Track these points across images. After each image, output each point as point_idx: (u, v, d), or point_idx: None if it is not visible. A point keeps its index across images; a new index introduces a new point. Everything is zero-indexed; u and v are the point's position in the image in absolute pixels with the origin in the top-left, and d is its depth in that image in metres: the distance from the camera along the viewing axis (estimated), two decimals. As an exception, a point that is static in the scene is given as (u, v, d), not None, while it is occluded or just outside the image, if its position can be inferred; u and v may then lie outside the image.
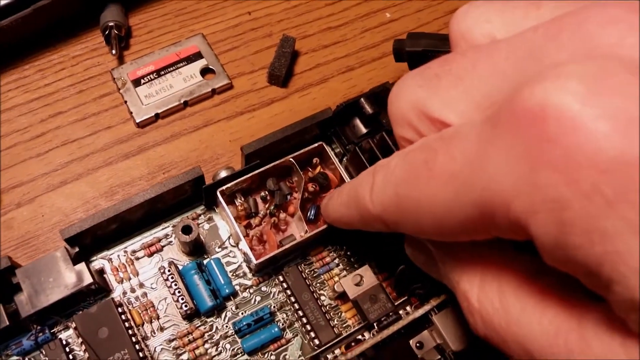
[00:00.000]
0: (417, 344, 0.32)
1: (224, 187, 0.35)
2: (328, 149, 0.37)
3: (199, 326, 0.35)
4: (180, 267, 0.35)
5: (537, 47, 0.19)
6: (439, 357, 0.33)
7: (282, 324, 0.35)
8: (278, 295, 0.36)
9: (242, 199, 0.36)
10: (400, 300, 0.35)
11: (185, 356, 0.34)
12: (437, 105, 0.22)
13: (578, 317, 0.18)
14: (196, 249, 0.36)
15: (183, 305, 0.34)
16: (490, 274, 0.21)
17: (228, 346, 0.34)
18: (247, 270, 0.36)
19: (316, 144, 0.37)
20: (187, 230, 0.34)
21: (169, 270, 0.35)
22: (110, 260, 0.36)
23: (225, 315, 0.35)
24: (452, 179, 0.19)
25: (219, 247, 0.37)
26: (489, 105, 0.20)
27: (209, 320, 0.35)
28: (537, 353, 0.19)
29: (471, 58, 0.21)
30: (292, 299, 0.35)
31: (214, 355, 0.34)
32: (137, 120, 0.41)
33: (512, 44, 0.20)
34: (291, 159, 0.36)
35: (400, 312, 0.35)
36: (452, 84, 0.22)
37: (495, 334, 0.21)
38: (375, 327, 0.33)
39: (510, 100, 0.17)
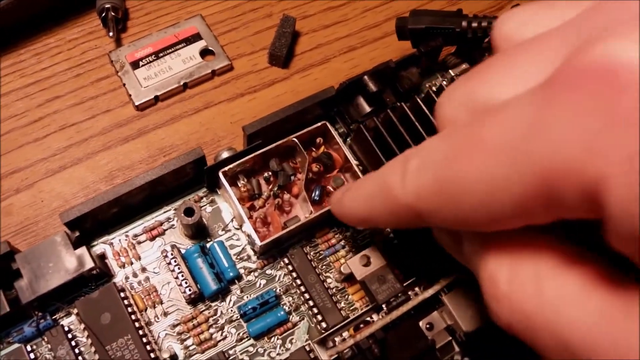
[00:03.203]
0: (427, 325, 0.32)
1: (226, 168, 0.34)
2: (331, 128, 0.37)
3: (204, 310, 0.34)
4: (183, 251, 0.34)
5: (588, 21, 0.17)
6: (450, 338, 0.32)
7: (288, 308, 0.34)
8: (283, 278, 0.35)
9: (245, 180, 0.35)
10: (409, 281, 0.34)
11: (189, 341, 0.33)
12: (487, 92, 0.20)
13: (626, 301, 0.16)
14: (199, 232, 0.35)
15: (187, 290, 0.33)
16: (525, 255, 0.19)
17: (233, 330, 0.34)
18: (251, 253, 0.35)
19: (319, 124, 0.36)
20: (189, 212, 0.33)
21: (171, 254, 0.34)
22: (111, 244, 0.35)
23: (230, 299, 0.34)
24: (506, 148, 0.17)
25: (222, 230, 0.36)
26: (540, 79, 0.18)
27: (213, 304, 0.34)
28: (576, 341, 0.17)
29: (522, 46, 0.20)
30: (298, 281, 0.34)
31: (219, 340, 0.33)
32: (136, 103, 0.40)
33: (561, 27, 0.19)
34: (294, 139, 0.35)
35: (410, 292, 0.34)
36: (502, 70, 0.20)
37: (524, 322, 0.19)
38: (384, 308, 0.33)
39: (571, 58, 0.16)
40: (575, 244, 0.19)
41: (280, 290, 0.35)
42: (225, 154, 0.35)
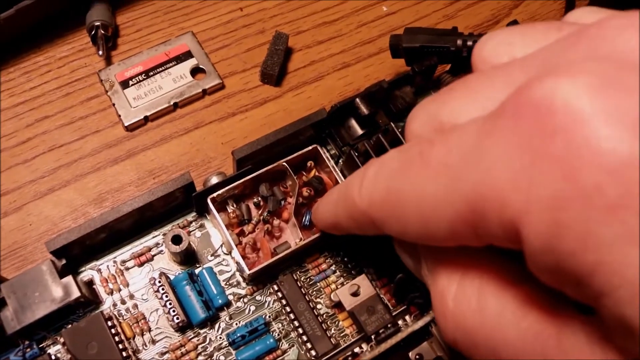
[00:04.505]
0: (417, 356, 0.31)
1: (215, 194, 0.34)
2: (323, 151, 0.36)
3: (192, 338, 0.33)
4: (171, 278, 0.34)
5: (553, 55, 0.18)
6: (440, 368, 0.32)
7: (278, 335, 0.34)
8: (273, 304, 0.35)
9: (234, 206, 0.35)
10: (399, 310, 0.34)
11: (177, 370, 0.33)
12: (447, 113, 0.21)
13: (559, 325, 0.17)
14: (188, 258, 0.35)
15: (175, 318, 0.33)
16: (472, 273, 0.20)
17: (222, 358, 0.33)
18: (240, 279, 0.35)
19: (310, 147, 0.36)
20: (177, 240, 0.33)
21: (159, 282, 0.33)
22: (99, 270, 0.34)
23: (219, 326, 0.34)
24: (444, 170, 0.18)
25: (211, 256, 0.35)
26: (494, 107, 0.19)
27: (202, 331, 0.34)
28: (510, 358, 0.18)
29: (487, 73, 0.21)
30: (288, 308, 0.34)
31: (208, 368, 0.33)
32: (126, 124, 0.39)
33: (528, 56, 0.19)
34: (284, 163, 0.35)
35: (399, 322, 0.34)
36: (465, 94, 0.21)
37: (466, 337, 0.20)
38: (373, 339, 0.32)
39: (515, 92, 0.16)
40: (520, 265, 0.19)
41: (269, 316, 0.34)
42: (214, 180, 0.34)
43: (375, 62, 0.45)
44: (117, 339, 0.32)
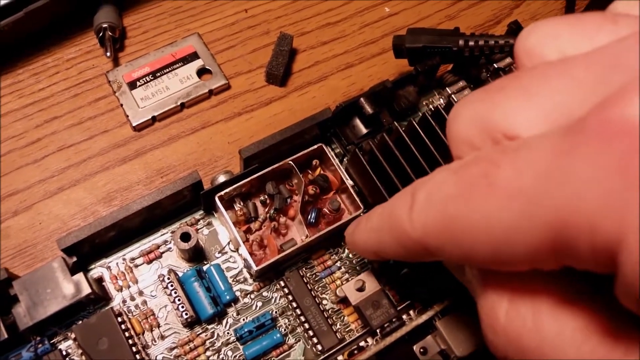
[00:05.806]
0: (421, 350, 0.32)
1: (222, 192, 0.34)
2: (328, 150, 0.37)
3: (200, 333, 0.34)
4: (179, 275, 0.34)
5: (626, 57, 0.16)
6: (444, 362, 0.32)
7: (284, 330, 0.35)
8: (280, 300, 0.35)
9: (242, 204, 0.36)
10: (403, 305, 0.35)
11: (186, 364, 0.33)
12: (500, 116, 0.19)
13: (626, 349, 0.16)
14: (196, 255, 0.35)
15: (183, 314, 0.33)
16: (527, 290, 0.19)
17: (230, 353, 0.34)
18: (247, 275, 0.36)
19: (316, 146, 0.36)
20: (185, 237, 0.34)
21: (168, 278, 0.34)
22: (109, 268, 0.35)
23: (227, 322, 0.35)
24: (519, 195, 0.16)
25: (218, 253, 0.36)
26: (561, 115, 0.17)
27: (210, 327, 0.34)
28: None
29: (542, 70, 0.19)
30: (294, 304, 0.35)
31: (216, 363, 0.34)
32: (134, 124, 0.40)
33: (593, 55, 0.17)
34: (290, 162, 0.36)
35: (404, 316, 0.34)
36: (519, 94, 0.19)
37: (520, 355, 0.18)
38: (378, 333, 0.33)
39: (600, 108, 0.15)
40: (582, 282, 0.18)
41: (276, 312, 0.35)
42: (221, 178, 0.35)
43: (379, 62, 0.45)
44: (127, 334, 0.32)
